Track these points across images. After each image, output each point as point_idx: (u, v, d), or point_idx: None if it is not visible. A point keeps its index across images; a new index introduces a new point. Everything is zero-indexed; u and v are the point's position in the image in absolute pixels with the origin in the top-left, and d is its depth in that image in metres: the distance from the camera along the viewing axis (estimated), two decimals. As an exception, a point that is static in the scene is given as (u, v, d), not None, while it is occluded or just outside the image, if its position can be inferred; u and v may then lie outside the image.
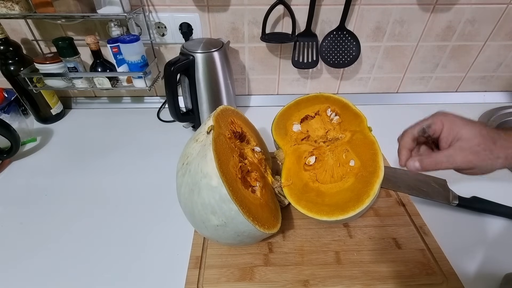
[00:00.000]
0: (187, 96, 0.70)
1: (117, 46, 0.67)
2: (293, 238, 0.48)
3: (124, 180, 0.61)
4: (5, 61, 0.68)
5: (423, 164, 0.36)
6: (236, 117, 0.51)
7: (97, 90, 0.82)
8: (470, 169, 0.34)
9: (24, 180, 0.61)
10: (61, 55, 0.67)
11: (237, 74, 0.82)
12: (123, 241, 0.49)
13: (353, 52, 0.74)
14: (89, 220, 0.53)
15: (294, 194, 0.47)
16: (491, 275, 0.43)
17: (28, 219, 0.53)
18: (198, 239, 0.47)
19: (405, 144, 0.39)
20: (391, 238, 0.47)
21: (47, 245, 0.48)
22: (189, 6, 0.69)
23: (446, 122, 0.37)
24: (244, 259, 0.44)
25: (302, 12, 0.70)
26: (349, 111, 0.54)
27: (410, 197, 0.54)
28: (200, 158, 0.38)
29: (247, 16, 0.71)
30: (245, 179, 0.44)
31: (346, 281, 0.42)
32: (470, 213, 0.52)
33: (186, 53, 0.63)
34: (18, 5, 0.60)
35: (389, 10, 0.71)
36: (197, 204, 0.38)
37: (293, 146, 0.53)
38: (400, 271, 0.43)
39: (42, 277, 0.44)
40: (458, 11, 0.71)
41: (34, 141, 0.72)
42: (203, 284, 0.41)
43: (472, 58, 0.80)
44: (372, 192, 0.42)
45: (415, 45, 0.77)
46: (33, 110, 0.76)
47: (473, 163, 0.33)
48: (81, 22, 0.71)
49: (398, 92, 0.87)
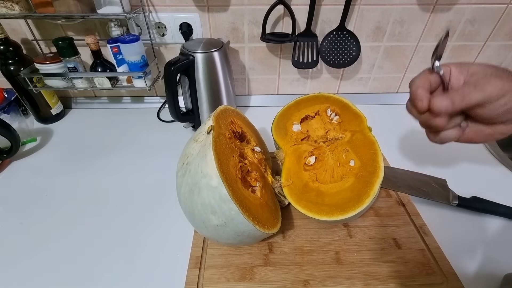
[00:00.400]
0: (187, 96, 0.70)
1: (117, 46, 0.67)
2: (293, 238, 0.48)
3: (124, 180, 0.61)
4: (5, 61, 0.68)
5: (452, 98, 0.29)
6: (236, 117, 0.51)
7: (97, 90, 0.82)
8: (501, 98, 0.28)
9: (24, 180, 0.61)
10: (61, 55, 0.67)
11: (237, 74, 0.82)
12: (123, 241, 0.49)
13: (353, 52, 0.74)
14: (89, 220, 0.53)
15: (294, 194, 0.47)
16: (491, 275, 0.43)
17: (28, 219, 0.53)
18: (198, 239, 0.47)
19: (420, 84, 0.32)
20: (391, 238, 0.47)
21: (47, 245, 0.48)
22: (189, 6, 0.69)
23: (451, 65, 0.33)
24: (244, 259, 0.44)
25: (302, 12, 0.70)
26: (349, 111, 0.54)
27: (410, 197, 0.54)
28: (200, 158, 0.38)
29: (247, 16, 0.71)
30: (245, 179, 0.44)
31: (346, 281, 0.42)
32: (470, 213, 0.52)
33: (186, 53, 0.63)
34: (18, 5, 0.60)
35: (389, 10, 0.71)
36: (197, 204, 0.38)
37: (293, 146, 0.53)
38: (400, 271, 0.43)
39: (42, 277, 0.44)
40: (458, 11, 0.71)
41: (34, 141, 0.72)
42: (203, 284, 0.41)
43: (472, 58, 0.80)
44: (372, 192, 0.42)
45: (415, 45, 0.77)
46: (33, 110, 0.76)
47: (504, 89, 0.28)
48: (81, 22, 0.71)
49: (398, 92, 0.87)
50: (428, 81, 0.32)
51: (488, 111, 0.30)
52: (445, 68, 0.32)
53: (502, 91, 0.28)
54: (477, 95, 0.29)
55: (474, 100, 0.29)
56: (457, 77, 0.32)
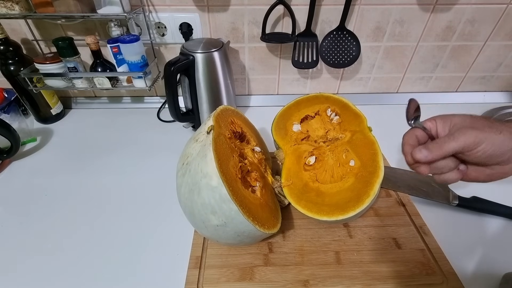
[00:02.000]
0: (187, 96, 0.70)
1: (117, 46, 0.67)
2: (293, 238, 0.48)
3: (124, 180, 0.61)
4: (5, 61, 0.68)
5: (429, 148, 0.34)
6: (236, 117, 0.51)
7: (97, 90, 0.82)
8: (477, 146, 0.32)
9: (24, 180, 0.61)
10: (61, 55, 0.67)
11: (237, 74, 0.82)
12: (123, 241, 0.49)
13: (353, 52, 0.74)
14: (89, 220, 0.53)
15: (294, 194, 0.47)
16: (490, 274, 0.43)
17: (28, 219, 0.53)
18: (198, 239, 0.47)
19: (408, 140, 0.37)
20: (391, 238, 0.47)
21: (47, 245, 0.48)
22: (189, 6, 0.69)
23: (437, 118, 0.37)
24: (244, 259, 0.44)
25: (302, 12, 0.70)
26: (349, 111, 0.54)
27: (410, 197, 0.54)
28: (200, 158, 0.38)
29: (247, 16, 0.71)
30: (245, 179, 0.44)
31: (346, 281, 0.42)
32: (470, 213, 0.52)
33: (186, 53, 0.63)
34: (18, 5, 0.60)
35: (389, 10, 0.71)
36: (197, 204, 0.38)
37: (293, 146, 0.53)
38: (400, 271, 0.43)
39: (42, 277, 0.44)
40: (458, 11, 0.71)
41: (34, 141, 0.72)
42: (203, 284, 0.41)
43: (472, 58, 0.80)
44: (372, 192, 0.42)
45: (415, 45, 0.77)
46: (33, 110, 0.76)
47: (479, 138, 0.31)
48: (81, 22, 0.71)
49: (398, 92, 0.88)
50: (414, 137, 0.37)
51: (472, 157, 0.33)
52: (431, 122, 0.36)
53: (477, 140, 0.31)
54: (452, 144, 0.32)
55: (450, 149, 0.33)
56: (443, 128, 0.35)
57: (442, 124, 0.36)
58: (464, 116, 0.35)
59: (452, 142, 0.32)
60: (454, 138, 0.33)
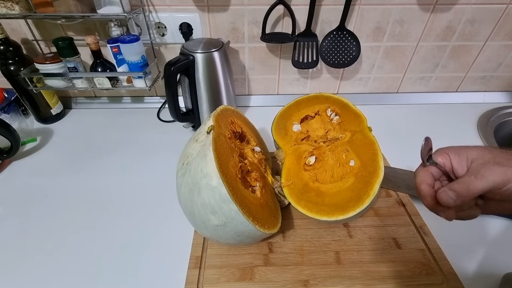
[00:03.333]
0: (187, 96, 0.70)
1: (117, 46, 0.67)
2: (293, 238, 0.48)
3: (124, 180, 0.61)
4: (5, 61, 0.68)
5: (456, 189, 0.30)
6: (236, 117, 0.51)
7: (97, 90, 0.82)
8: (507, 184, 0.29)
9: (24, 180, 0.61)
10: (61, 55, 0.67)
11: (237, 74, 0.82)
12: (123, 241, 0.49)
13: (353, 52, 0.74)
14: (89, 220, 0.53)
15: (294, 194, 0.47)
16: (490, 275, 0.43)
17: (28, 219, 0.53)
18: (198, 239, 0.47)
19: (423, 179, 0.33)
20: (391, 238, 0.47)
21: (47, 245, 0.48)
22: (189, 6, 0.69)
23: (449, 152, 0.34)
24: (244, 259, 0.44)
25: (302, 12, 0.70)
26: (349, 111, 0.54)
27: (410, 197, 0.54)
28: (200, 158, 0.38)
29: (247, 16, 0.71)
30: (245, 179, 0.44)
31: (346, 281, 0.42)
32: (470, 213, 0.52)
33: (186, 53, 0.63)
34: (18, 5, 0.60)
35: (389, 10, 0.71)
36: (197, 204, 0.38)
37: (293, 146, 0.53)
38: (400, 271, 0.43)
39: (42, 277, 0.44)
40: (458, 11, 0.71)
41: (34, 141, 0.72)
42: (203, 284, 0.41)
43: (472, 58, 0.80)
44: (372, 192, 0.42)
45: (415, 45, 0.77)
46: (33, 110, 0.76)
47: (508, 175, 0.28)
48: (81, 22, 0.71)
49: (398, 92, 0.87)
50: (430, 174, 0.33)
51: (496, 195, 0.30)
52: (443, 157, 0.33)
53: (506, 178, 0.29)
54: (481, 185, 0.29)
55: (479, 189, 0.29)
56: (459, 163, 0.33)
57: (458, 159, 0.33)
58: (480, 148, 0.32)
59: (480, 182, 0.29)
60: (481, 177, 0.29)
